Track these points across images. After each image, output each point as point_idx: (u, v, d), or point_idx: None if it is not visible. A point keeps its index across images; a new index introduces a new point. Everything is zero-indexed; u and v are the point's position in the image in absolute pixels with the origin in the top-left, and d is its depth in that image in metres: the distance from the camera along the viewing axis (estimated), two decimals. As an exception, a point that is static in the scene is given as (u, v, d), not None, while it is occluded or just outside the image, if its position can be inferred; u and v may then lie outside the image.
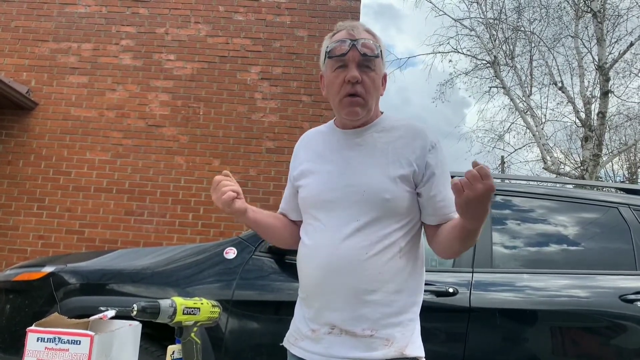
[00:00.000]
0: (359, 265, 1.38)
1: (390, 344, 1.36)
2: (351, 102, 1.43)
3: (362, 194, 1.40)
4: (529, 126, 13.53)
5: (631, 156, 20.35)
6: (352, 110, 1.44)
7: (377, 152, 1.46)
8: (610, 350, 2.64)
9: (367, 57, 1.42)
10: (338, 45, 1.43)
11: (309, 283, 1.46)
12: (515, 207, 3.09)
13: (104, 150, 6.68)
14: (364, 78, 1.42)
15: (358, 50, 1.41)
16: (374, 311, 1.37)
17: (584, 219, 3.05)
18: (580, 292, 2.74)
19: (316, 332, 1.42)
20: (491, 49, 13.74)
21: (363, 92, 1.42)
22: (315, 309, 1.43)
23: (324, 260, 1.41)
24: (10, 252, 6.41)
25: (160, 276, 2.86)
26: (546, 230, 3.02)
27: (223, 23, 7.03)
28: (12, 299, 2.94)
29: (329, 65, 1.47)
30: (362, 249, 1.38)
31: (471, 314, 2.62)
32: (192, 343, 1.30)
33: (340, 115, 1.50)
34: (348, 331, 1.37)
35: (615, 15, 12.68)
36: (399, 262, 1.40)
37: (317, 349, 1.41)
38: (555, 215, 3.05)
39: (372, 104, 1.46)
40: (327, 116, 6.44)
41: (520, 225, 3.04)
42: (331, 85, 1.47)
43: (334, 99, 1.47)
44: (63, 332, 1.16)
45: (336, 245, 1.40)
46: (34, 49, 6.94)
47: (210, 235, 6.41)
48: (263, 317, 2.76)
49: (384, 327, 1.37)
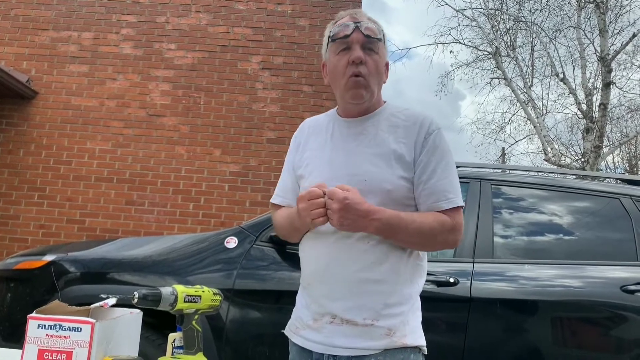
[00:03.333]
0: (361, 255, 1.38)
1: (391, 334, 1.36)
2: (355, 82, 1.42)
3: (363, 183, 1.39)
4: (530, 118, 13.49)
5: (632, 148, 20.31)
6: (357, 93, 1.43)
7: (379, 142, 1.45)
8: (611, 340, 2.64)
9: (370, 39, 1.42)
10: (341, 28, 1.44)
11: (311, 272, 1.46)
12: (516, 198, 3.09)
13: (105, 140, 6.67)
14: (367, 60, 1.42)
15: (362, 32, 1.42)
16: (376, 301, 1.37)
17: (585, 209, 3.04)
18: (581, 282, 2.73)
19: (317, 321, 1.42)
20: (493, 39, 13.68)
21: (367, 73, 1.42)
22: (317, 298, 1.43)
23: (326, 249, 1.41)
24: (11, 241, 6.42)
25: (161, 265, 2.86)
26: (547, 221, 3.02)
27: (224, 12, 7.00)
28: (13, 287, 2.94)
29: (332, 49, 1.46)
30: (364, 239, 1.38)
31: (472, 304, 2.62)
32: (194, 331, 1.30)
33: (344, 100, 1.49)
34: (349, 321, 1.37)
35: (617, 6, 12.60)
36: (401, 252, 1.40)
37: (318, 338, 1.41)
38: (557, 206, 3.04)
39: (375, 87, 1.45)
40: (328, 106, 6.41)
41: (521, 215, 3.04)
42: (334, 69, 1.46)
43: (338, 83, 1.46)
44: (64, 319, 1.15)
45: (338, 235, 1.39)
46: (34, 38, 6.91)
47: (211, 225, 6.41)
48: (264, 307, 2.76)
49: (385, 317, 1.37)
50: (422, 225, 1.36)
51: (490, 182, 3.05)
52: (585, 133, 12.07)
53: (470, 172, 3.14)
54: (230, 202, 6.54)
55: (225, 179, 6.60)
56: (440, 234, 1.38)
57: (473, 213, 2.91)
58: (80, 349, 1.13)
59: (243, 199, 6.54)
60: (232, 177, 6.60)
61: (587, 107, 12.76)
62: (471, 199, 2.94)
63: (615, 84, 12.44)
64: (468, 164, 3.40)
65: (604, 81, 11.35)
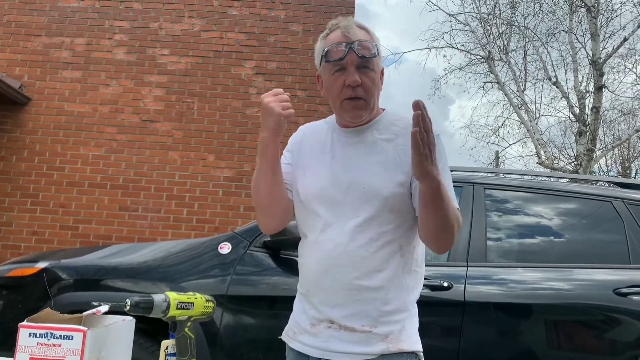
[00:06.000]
0: (360, 262, 1.38)
1: (388, 340, 1.36)
2: (354, 106, 1.41)
3: (362, 191, 1.40)
4: (523, 121, 13.55)
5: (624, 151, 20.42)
6: (355, 114, 1.43)
7: (377, 150, 1.45)
8: (604, 343, 2.65)
9: (365, 59, 1.39)
10: (334, 48, 1.40)
11: (310, 278, 1.46)
12: (509, 202, 3.09)
13: (98, 146, 6.65)
14: (363, 80, 1.39)
15: (355, 52, 1.38)
16: (374, 308, 1.37)
17: (578, 213, 3.05)
18: (575, 285, 2.74)
19: (315, 326, 1.42)
20: (485, 44, 13.74)
21: (364, 94, 1.40)
22: (315, 304, 1.43)
23: (325, 255, 1.41)
24: (4, 249, 6.39)
25: (154, 272, 2.85)
26: (540, 225, 3.03)
27: (217, 17, 7.00)
28: (5, 294, 2.92)
29: (327, 69, 1.44)
30: (363, 246, 1.38)
31: (466, 308, 2.63)
32: (186, 338, 1.30)
33: (342, 118, 1.49)
34: (347, 327, 1.37)
35: (609, 10, 12.69)
36: (400, 259, 1.40)
37: (315, 343, 1.41)
38: (550, 210, 3.05)
39: (373, 103, 1.45)
40: (322, 111, 6.43)
41: (514, 219, 3.05)
42: (330, 89, 1.44)
43: (334, 102, 1.45)
44: (55, 328, 1.15)
45: (337, 242, 1.39)
46: (26, 44, 6.90)
47: (205, 230, 6.40)
48: (258, 312, 2.76)
49: (384, 323, 1.37)
50: (454, 209, 1.34)
51: (483, 186, 3.06)
52: (578, 136, 12.12)
53: (463, 176, 3.15)
54: (224, 207, 6.53)
55: (219, 184, 6.59)
56: (457, 227, 1.36)
57: (466, 217, 2.91)
58: (72, 357, 1.13)
59: (237, 204, 6.53)
60: (226, 183, 6.59)
61: (579, 110, 12.82)
62: (464, 203, 2.94)
63: (607, 88, 12.51)
64: (461, 168, 3.41)
65: (596, 85, 11.43)
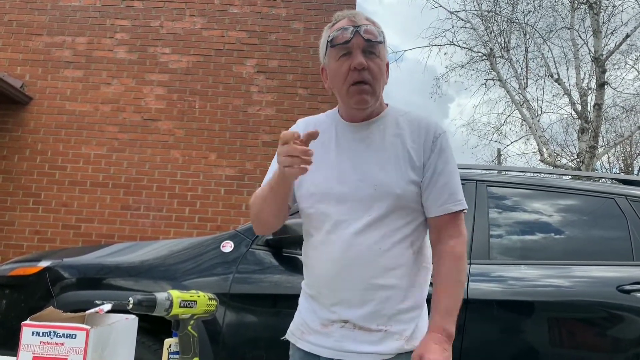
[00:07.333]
0: (373, 261, 1.36)
1: (402, 338, 1.36)
2: (360, 90, 1.38)
3: (373, 188, 1.38)
4: (525, 118, 13.53)
5: (627, 148, 20.39)
6: (361, 99, 1.39)
7: (387, 147, 1.43)
8: (608, 340, 2.64)
9: (371, 43, 1.38)
10: (340, 33, 1.38)
11: (321, 280, 1.43)
12: (512, 199, 3.09)
13: (100, 145, 6.65)
14: (369, 64, 1.37)
15: (361, 36, 1.36)
16: (390, 307, 1.36)
17: (581, 210, 3.04)
18: (578, 283, 2.74)
19: (327, 326, 1.40)
20: (487, 41, 13.72)
21: (370, 79, 1.38)
22: (328, 305, 1.40)
23: (337, 256, 1.38)
24: (7, 248, 6.40)
25: (157, 270, 2.85)
26: (543, 222, 3.02)
27: (218, 16, 7.00)
28: (7, 293, 2.93)
29: (332, 55, 1.41)
30: (376, 244, 1.36)
31: (468, 305, 2.62)
32: (189, 336, 1.30)
33: (348, 106, 1.44)
34: (362, 327, 1.36)
35: (610, 6, 12.66)
36: (412, 257, 1.39)
37: (327, 343, 1.39)
38: (552, 207, 3.04)
39: (379, 91, 1.42)
40: (324, 109, 6.35)
41: (516, 216, 3.04)
42: (336, 75, 1.41)
43: (340, 89, 1.42)
44: (58, 326, 1.14)
45: (349, 241, 1.37)
46: (27, 43, 6.90)
47: (207, 229, 6.40)
48: (260, 311, 2.76)
49: (398, 322, 1.36)
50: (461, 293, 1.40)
51: (486, 183, 3.05)
52: (580, 133, 12.10)
53: (465, 173, 3.14)
54: (226, 205, 6.53)
55: (221, 182, 6.59)
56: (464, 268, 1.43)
57: (469, 215, 2.91)
58: (75, 355, 1.12)
59: (239, 202, 6.53)
60: (228, 181, 6.59)
61: (581, 107, 12.80)
62: (467, 200, 2.91)
63: (609, 84, 12.48)
64: (463, 166, 3.40)
65: (598, 81, 11.40)
